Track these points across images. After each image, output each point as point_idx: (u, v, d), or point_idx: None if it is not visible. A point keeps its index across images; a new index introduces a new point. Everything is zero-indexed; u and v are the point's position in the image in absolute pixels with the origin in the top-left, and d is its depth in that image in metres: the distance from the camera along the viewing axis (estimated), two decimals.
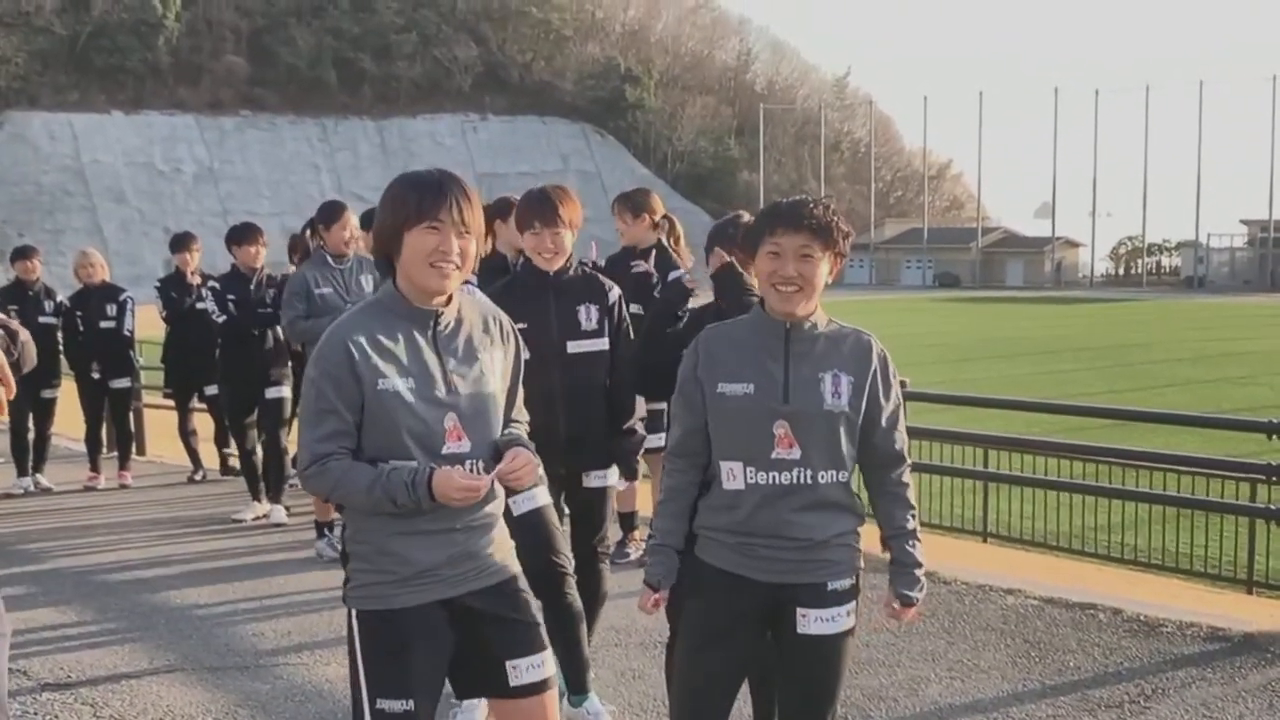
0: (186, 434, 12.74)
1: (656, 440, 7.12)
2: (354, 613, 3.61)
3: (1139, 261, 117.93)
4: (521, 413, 3.84)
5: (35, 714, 5.86)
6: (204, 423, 12.87)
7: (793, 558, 3.77)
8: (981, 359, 33.95)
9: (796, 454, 3.72)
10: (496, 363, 3.67)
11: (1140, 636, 6.88)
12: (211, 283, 10.37)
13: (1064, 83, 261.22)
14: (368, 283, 8.60)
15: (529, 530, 5.12)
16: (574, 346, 5.59)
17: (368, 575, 3.58)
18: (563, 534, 5.44)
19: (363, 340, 3.52)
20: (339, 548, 8.89)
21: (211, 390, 11.72)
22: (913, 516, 3.91)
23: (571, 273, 5.78)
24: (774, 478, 3.72)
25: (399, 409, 3.49)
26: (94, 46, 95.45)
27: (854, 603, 3.85)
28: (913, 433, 9.51)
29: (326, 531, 8.81)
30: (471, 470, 3.52)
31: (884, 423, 3.83)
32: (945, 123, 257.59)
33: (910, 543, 3.89)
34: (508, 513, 4.84)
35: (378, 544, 3.56)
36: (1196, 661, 6.47)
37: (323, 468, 3.50)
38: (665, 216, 8.22)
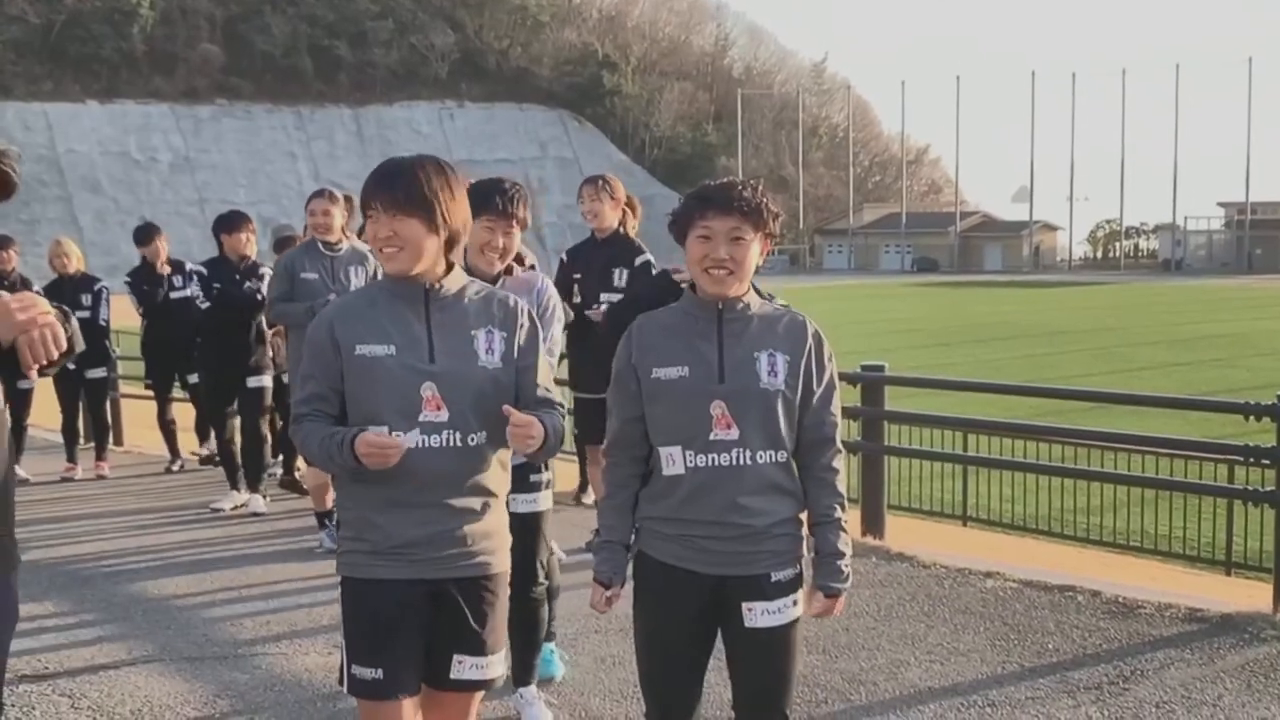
0: (165, 423, 12.69)
1: None
2: (342, 578, 3.70)
3: (1117, 245, 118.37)
4: (550, 393, 3.81)
5: (12, 706, 5.82)
6: (183, 413, 12.82)
7: (733, 548, 3.75)
8: (960, 343, 34.03)
9: (735, 434, 3.70)
10: (496, 341, 3.69)
11: (1119, 618, 6.90)
12: (197, 268, 10.34)
13: (1041, 67, 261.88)
14: (356, 274, 8.58)
15: (518, 526, 5.08)
16: None
17: (351, 543, 3.68)
18: (549, 541, 5.43)
19: (346, 311, 3.70)
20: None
21: (194, 378, 11.70)
22: (840, 505, 3.83)
23: (513, 276, 5.71)
24: (713, 459, 3.71)
25: (376, 373, 3.59)
26: (68, 35, 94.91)
27: (799, 592, 3.83)
28: (891, 417, 9.58)
29: (328, 522, 8.76)
30: (449, 441, 3.58)
31: (815, 403, 3.80)
32: (923, 107, 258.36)
33: (834, 532, 3.80)
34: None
35: (359, 512, 3.65)
36: (1175, 643, 6.49)
37: (298, 426, 3.67)
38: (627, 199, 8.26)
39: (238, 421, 10.37)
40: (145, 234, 12.09)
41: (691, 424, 3.72)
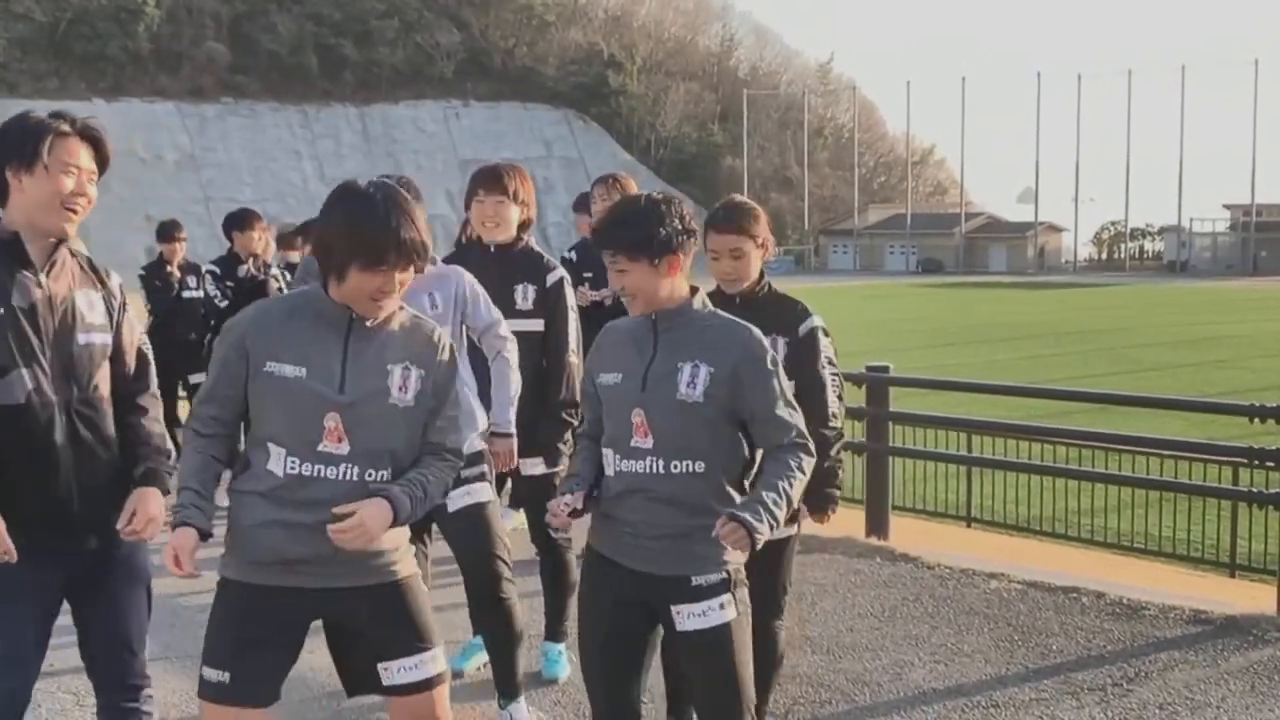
0: (171, 422, 12.68)
1: None
2: (219, 578, 3.77)
3: (1122, 246, 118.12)
4: (447, 441, 3.73)
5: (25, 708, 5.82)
6: (182, 411, 12.83)
7: (654, 546, 3.80)
8: (965, 344, 33.99)
9: (649, 443, 3.75)
10: (412, 379, 3.62)
11: (1123, 620, 6.90)
12: (211, 268, 10.30)
13: (1046, 68, 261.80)
14: None
15: (463, 526, 5.01)
16: (508, 325, 5.46)
17: (232, 549, 3.75)
18: (503, 533, 5.22)
19: (262, 322, 3.63)
20: None
21: (197, 379, 11.68)
22: (789, 480, 3.74)
23: (518, 249, 5.73)
24: (632, 466, 3.77)
25: (279, 394, 3.55)
26: (74, 33, 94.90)
27: (728, 595, 3.82)
28: (895, 417, 9.58)
29: None
30: (345, 475, 3.53)
31: (760, 415, 3.80)
32: (928, 108, 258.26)
33: (770, 490, 3.69)
34: (441, 508, 4.80)
35: (246, 522, 3.67)
36: (1179, 644, 6.49)
37: (186, 432, 3.74)
38: None
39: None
40: (166, 231, 12.02)
41: (619, 429, 3.80)
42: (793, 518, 4.76)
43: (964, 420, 10.75)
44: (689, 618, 3.78)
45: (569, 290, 5.83)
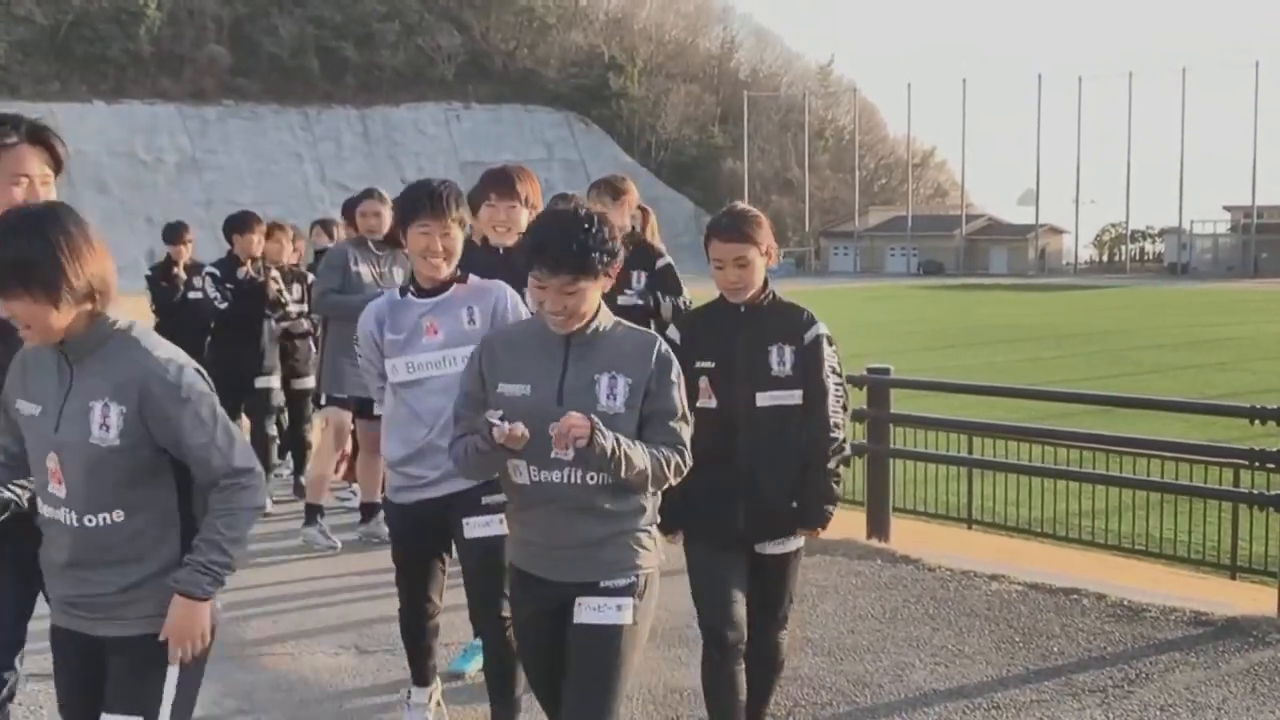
0: None
1: None
2: None
3: (1123, 248, 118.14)
4: (213, 464, 3.45)
5: (20, 704, 5.83)
6: None
7: (568, 555, 3.85)
8: (966, 346, 34.00)
9: (570, 454, 3.74)
10: (113, 415, 3.34)
11: (1124, 621, 6.91)
12: (209, 269, 10.30)
13: (1047, 70, 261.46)
14: (398, 275, 8.60)
15: (478, 563, 4.89)
16: None
17: None
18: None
19: (24, 357, 3.53)
20: (331, 537, 8.84)
21: None
22: (659, 452, 3.78)
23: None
24: (550, 477, 3.79)
25: (26, 433, 3.51)
26: (75, 36, 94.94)
27: (631, 599, 3.86)
28: (896, 419, 9.58)
29: (319, 518, 8.78)
30: (66, 519, 3.41)
31: (655, 420, 3.85)
32: (929, 110, 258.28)
33: (640, 443, 3.77)
34: (458, 532, 4.79)
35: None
36: (1180, 646, 6.50)
37: None
38: (640, 207, 8.15)
39: (244, 422, 10.39)
40: (173, 233, 12.02)
41: (534, 442, 3.71)
42: (797, 530, 4.77)
43: (965, 422, 10.75)
44: (586, 610, 3.85)
45: None
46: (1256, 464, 7.80)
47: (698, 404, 4.56)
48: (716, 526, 4.68)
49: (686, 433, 3.92)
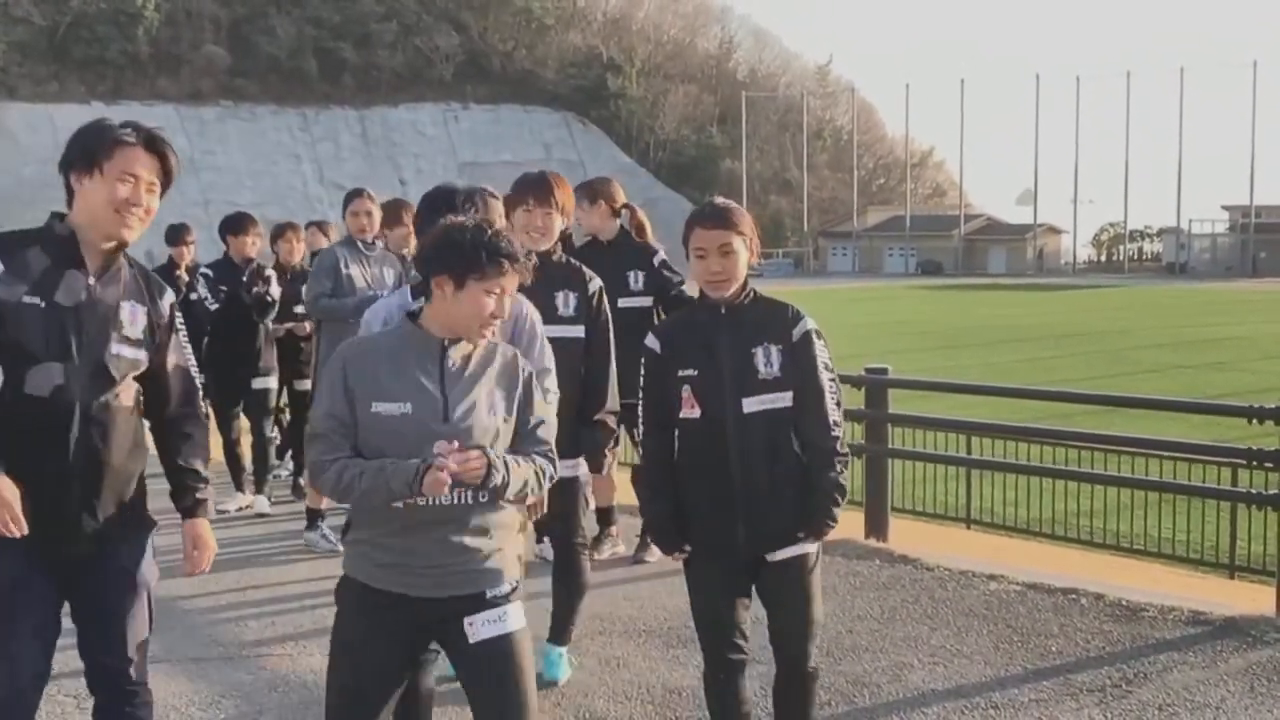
0: None
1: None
2: None
3: (1121, 248, 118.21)
4: None
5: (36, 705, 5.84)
6: None
7: (451, 569, 3.73)
8: (964, 346, 34.01)
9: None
10: None
11: (1122, 621, 6.91)
12: (204, 270, 10.29)
13: (1045, 70, 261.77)
14: (389, 275, 8.60)
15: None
16: (548, 331, 5.47)
17: None
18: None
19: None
20: (333, 540, 8.81)
21: (201, 380, 11.69)
22: (534, 463, 3.78)
23: (555, 259, 5.80)
24: (432, 499, 3.62)
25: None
26: (73, 37, 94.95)
27: (518, 603, 3.82)
28: (894, 419, 9.58)
29: (320, 522, 8.77)
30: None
31: (529, 431, 3.82)
32: (927, 110, 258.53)
33: (521, 458, 3.75)
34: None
35: None
36: (1178, 646, 6.50)
37: None
38: (625, 205, 8.13)
39: (243, 423, 10.39)
40: (175, 235, 12.00)
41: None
42: (811, 537, 4.52)
43: (963, 422, 10.75)
44: (483, 625, 3.74)
45: (605, 299, 5.90)
46: (1255, 463, 7.79)
47: (680, 415, 4.43)
48: (716, 541, 4.46)
49: (552, 434, 3.90)
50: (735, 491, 4.40)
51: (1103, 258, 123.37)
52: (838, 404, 4.52)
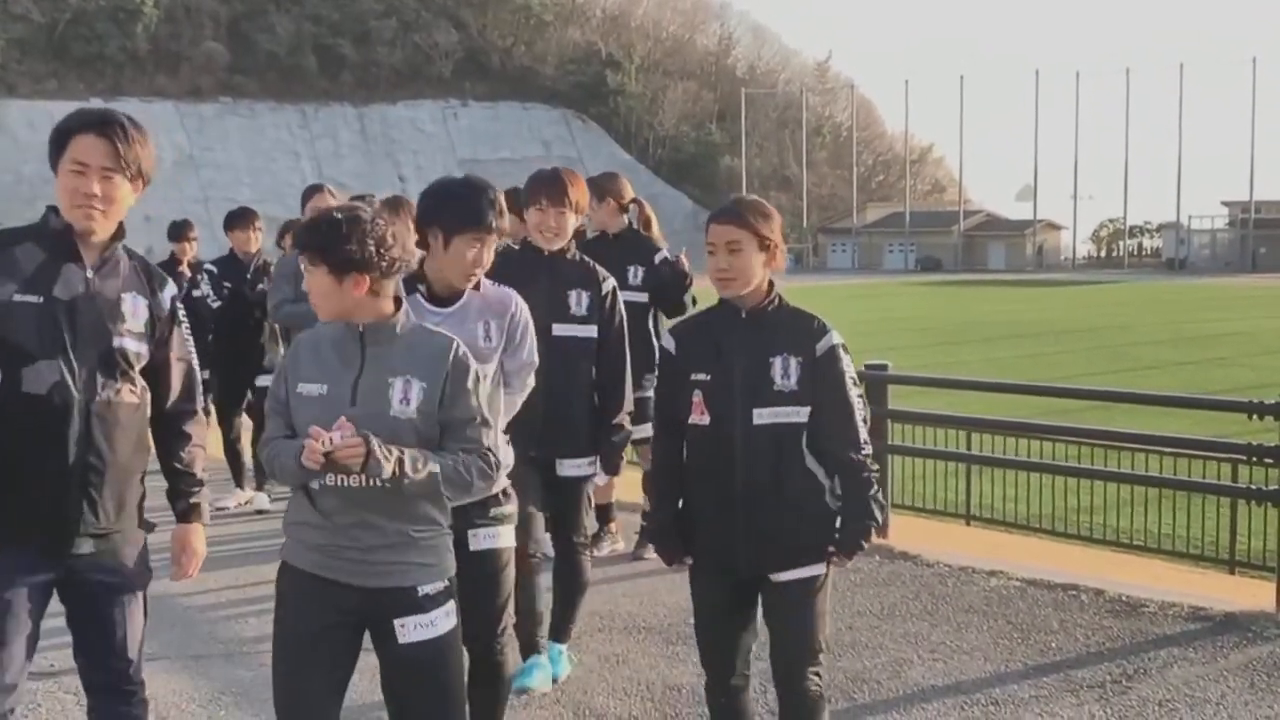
0: None
1: (643, 431, 6.87)
2: None
3: (1120, 244, 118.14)
4: None
5: (18, 703, 5.83)
6: None
7: (378, 558, 3.70)
8: (964, 342, 33.98)
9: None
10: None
11: (1122, 617, 6.91)
12: (208, 266, 10.22)
13: (1045, 66, 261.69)
14: None
15: (479, 573, 4.59)
16: (559, 329, 5.54)
17: None
18: (509, 592, 4.80)
19: None
20: None
21: (204, 376, 11.67)
22: (455, 462, 3.71)
23: (569, 257, 5.79)
24: (342, 480, 3.63)
25: None
26: (72, 34, 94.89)
27: (451, 603, 3.79)
28: (895, 416, 9.57)
29: None
30: None
31: (452, 427, 3.74)
32: (926, 106, 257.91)
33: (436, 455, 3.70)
34: (462, 546, 4.30)
35: None
36: (1178, 641, 6.50)
37: None
38: (633, 200, 8.13)
39: (245, 420, 10.38)
40: (178, 231, 11.98)
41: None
42: (819, 558, 4.30)
43: (963, 418, 10.74)
44: (415, 629, 3.71)
45: (620, 299, 5.86)
46: (1255, 459, 7.80)
47: (690, 420, 4.26)
48: (715, 554, 4.32)
49: (489, 436, 3.81)
50: (738, 507, 4.22)
51: (1102, 254, 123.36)
52: (865, 421, 4.33)
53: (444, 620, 3.76)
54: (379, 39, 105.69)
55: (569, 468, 5.70)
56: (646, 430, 5.81)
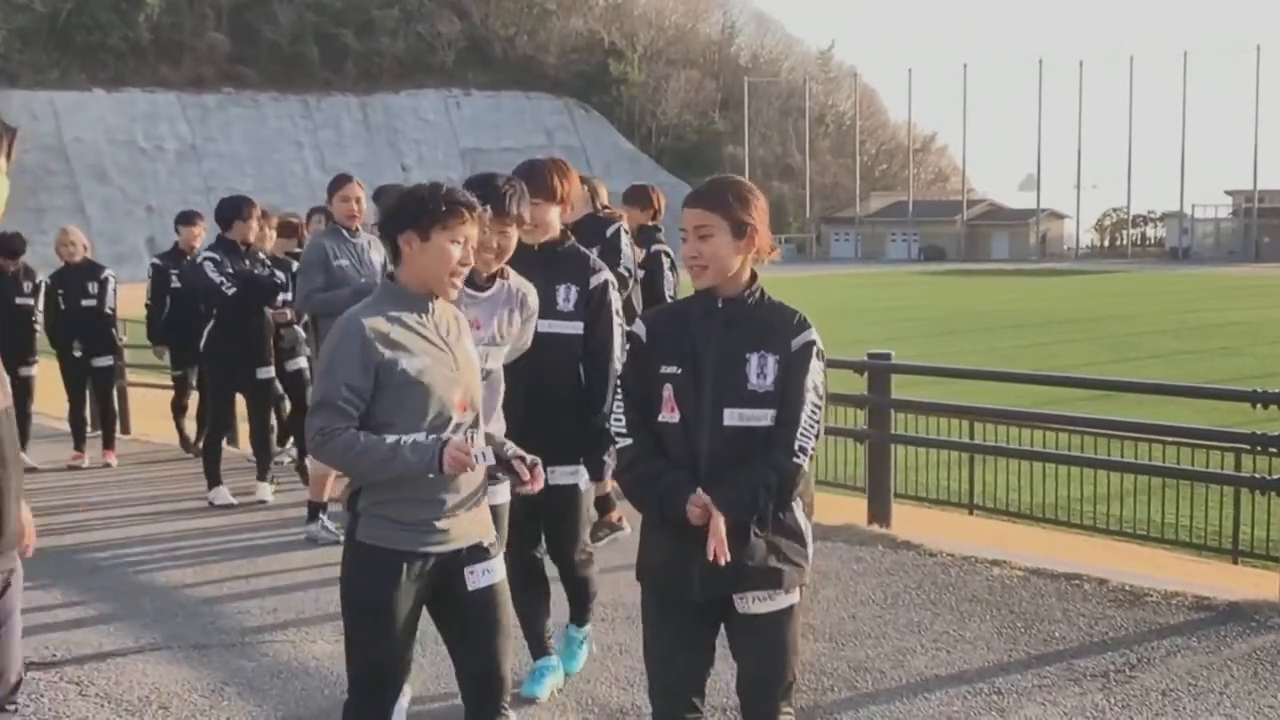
0: (179, 410, 12.59)
1: None
2: None
3: (1124, 233, 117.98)
4: None
5: (21, 692, 5.83)
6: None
7: (461, 522, 4.02)
8: (967, 332, 33.99)
9: (469, 417, 4.03)
10: None
11: (1125, 606, 6.90)
12: (209, 254, 9.83)
13: (1048, 55, 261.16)
14: (376, 259, 8.52)
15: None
16: (544, 325, 5.23)
17: None
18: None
19: None
20: (334, 531, 8.71)
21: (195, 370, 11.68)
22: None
23: (562, 249, 5.53)
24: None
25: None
26: (74, 24, 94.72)
27: (501, 556, 4.21)
28: (897, 405, 9.57)
29: (321, 514, 8.69)
30: None
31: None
32: (930, 95, 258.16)
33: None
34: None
35: None
36: (1181, 631, 6.49)
37: None
38: (581, 178, 8.12)
39: (239, 410, 10.38)
40: (187, 217, 11.90)
41: (437, 412, 3.96)
42: (787, 583, 3.85)
43: (966, 408, 10.74)
44: (482, 574, 4.07)
45: (614, 294, 5.53)
46: (1258, 448, 7.79)
47: (659, 418, 3.86)
48: (670, 573, 3.88)
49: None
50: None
51: (1106, 243, 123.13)
52: (817, 435, 3.85)
53: (499, 569, 4.13)
54: (381, 28, 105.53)
55: (559, 475, 5.26)
56: None
